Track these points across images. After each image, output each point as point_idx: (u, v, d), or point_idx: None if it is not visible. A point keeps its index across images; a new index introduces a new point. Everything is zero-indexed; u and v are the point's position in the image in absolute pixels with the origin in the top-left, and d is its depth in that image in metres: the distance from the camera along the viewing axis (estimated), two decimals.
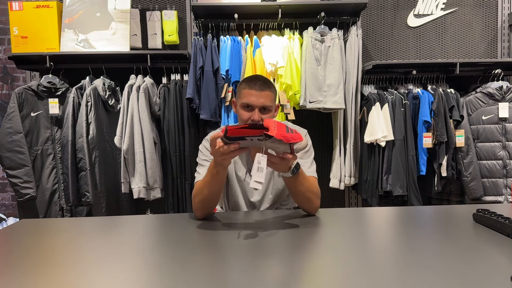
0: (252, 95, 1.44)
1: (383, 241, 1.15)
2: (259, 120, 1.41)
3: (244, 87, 1.48)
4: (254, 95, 1.43)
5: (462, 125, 2.66)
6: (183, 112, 2.71)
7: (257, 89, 1.44)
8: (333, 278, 0.86)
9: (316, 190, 1.43)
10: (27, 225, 1.41)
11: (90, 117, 2.56)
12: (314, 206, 1.42)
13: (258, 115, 1.43)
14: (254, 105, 1.44)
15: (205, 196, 1.36)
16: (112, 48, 2.67)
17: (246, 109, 1.46)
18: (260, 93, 1.43)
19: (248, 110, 1.46)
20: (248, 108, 1.46)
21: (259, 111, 1.44)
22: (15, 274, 0.91)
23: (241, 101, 1.47)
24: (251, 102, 1.44)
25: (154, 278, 0.86)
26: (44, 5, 2.64)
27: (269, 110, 1.46)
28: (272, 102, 1.47)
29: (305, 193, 1.38)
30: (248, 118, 1.44)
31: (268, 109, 1.46)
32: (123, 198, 2.75)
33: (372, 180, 2.69)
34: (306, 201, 1.41)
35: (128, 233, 1.29)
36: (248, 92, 1.45)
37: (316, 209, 1.44)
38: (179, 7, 2.97)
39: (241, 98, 1.47)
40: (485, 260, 0.93)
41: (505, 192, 2.67)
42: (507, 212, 1.46)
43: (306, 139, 1.55)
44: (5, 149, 2.51)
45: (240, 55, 2.67)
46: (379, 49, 3.07)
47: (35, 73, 2.97)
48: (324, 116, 2.98)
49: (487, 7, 3.06)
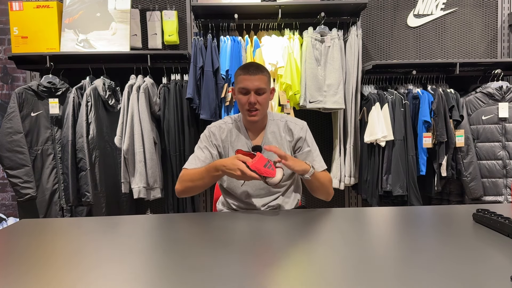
0: (247, 79, 1.56)
1: (383, 241, 1.15)
2: (255, 102, 1.55)
3: (239, 74, 1.60)
4: (249, 79, 1.56)
5: (462, 125, 2.66)
6: (183, 112, 2.71)
7: (251, 73, 1.56)
8: (333, 278, 0.86)
9: (329, 181, 1.63)
10: (27, 225, 1.41)
11: (90, 117, 2.56)
12: (330, 195, 1.64)
13: (254, 97, 1.55)
14: (249, 88, 1.56)
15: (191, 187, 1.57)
16: (112, 48, 2.67)
17: (243, 93, 1.58)
18: (254, 76, 1.56)
19: (244, 94, 1.58)
20: (244, 92, 1.58)
21: (255, 94, 1.56)
22: (15, 274, 0.91)
23: (238, 86, 1.60)
24: (246, 86, 1.56)
25: (154, 278, 0.87)
26: (44, 5, 2.64)
27: (263, 92, 1.58)
28: (266, 85, 1.59)
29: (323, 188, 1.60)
30: (246, 102, 1.57)
31: (262, 91, 1.57)
32: (123, 198, 2.75)
33: (372, 180, 2.69)
34: (325, 193, 1.63)
35: (128, 233, 1.29)
36: (243, 77, 1.57)
37: (331, 195, 1.65)
38: (179, 7, 2.97)
39: (238, 84, 1.60)
40: (485, 260, 0.93)
41: (505, 192, 2.67)
42: (507, 212, 1.46)
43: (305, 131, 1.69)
44: (5, 149, 2.51)
45: (240, 55, 2.68)
46: (379, 49, 3.07)
47: (35, 73, 2.97)
48: (324, 116, 2.98)
49: (487, 7, 3.06)
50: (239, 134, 1.67)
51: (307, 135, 1.69)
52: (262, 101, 1.57)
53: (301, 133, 1.68)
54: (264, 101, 1.58)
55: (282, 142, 1.67)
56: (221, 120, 1.73)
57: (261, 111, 1.59)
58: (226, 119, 1.73)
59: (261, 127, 1.68)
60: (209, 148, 1.64)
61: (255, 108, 1.56)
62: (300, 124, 1.70)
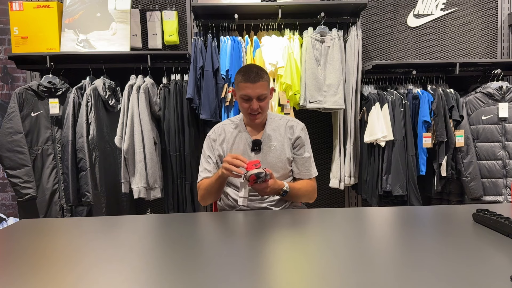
0: (248, 87, 1.59)
1: (383, 241, 1.15)
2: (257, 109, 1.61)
3: (240, 80, 1.62)
4: (250, 87, 1.58)
5: (462, 125, 2.66)
6: (183, 112, 2.71)
7: (252, 81, 1.58)
8: (333, 278, 0.86)
9: (311, 190, 1.72)
10: (27, 225, 1.41)
11: (90, 117, 2.56)
12: (311, 200, 1.74)
13: (256, 104, 1.60)
14: (251, 96, 1.59)
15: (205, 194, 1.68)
16: (112, 48, 2.67)
17: (245, 100, 1.62)
18: (255, 84, 1.58)
19: (246, 101, 1.61)
20: (246, 99, 1.61)
21: (257, 100, 1.60)
22: (15, 274, 0.91)
23: (239, 93, 1.63)
24: (248, 94, 1.59)
25: (154, 278, 0.87)
26: (44, 5, 2.64)
27: (265, 98, 1.63)
28: (267, 90, 1.63)
29: (302, 199, 1.74)
30: (248, 108, 1.61)
31: (264, 96, 1.62)
32: (123, 198, 2.75)
33: (372, 180, 2.69)
34: (305, 201, 1.76)
35: (128, 233, 1.29)
36: (244, 85, 1.60)
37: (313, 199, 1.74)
38: (179, 7, 2.97)
39: (239, 91, 1.63)
40: (485, 260, 0.93)
41: (505, 192, 2.67)
42: (507, 212, 1.46)
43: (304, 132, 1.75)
44: (5, 149, 2.51)
45: (240, 55, 2.68)
46: (379, 49, 3.08)
47: (35, 73, 2.97)
48: (324, 116, 2.98)
49: (487, 7, 3.06)
50: (239, 132, 1.72)
51: (307, 137, 1.76)
52: (264, 105, 1.63)
53: (301, 133, 1.73)
54: (265, 105, 1.64)
55: (283, 139, 1.69)
56: (218, 124, 1.80)
57: (263, 113, 1.66)
58: (225, 122, 1.79)
59: (261, 124, 1.72)
60: (213, 158, 1.72)
61: (258, 112, 1.62)
62: (301, 124, 1.77)
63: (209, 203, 1.76)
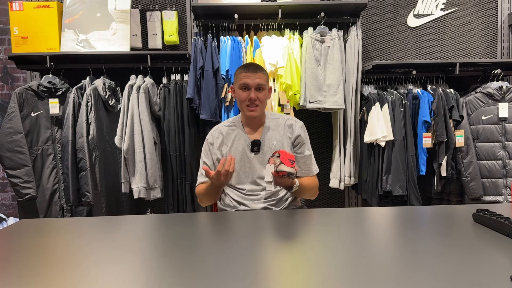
0: (248, 76, 1.65)
1: (382, 241, 1.15)
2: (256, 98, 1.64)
3: (240, 72, 1.69)
4: (249, 76, 1.65)
5: (462, 125, 2.66)
6: (183, 112, 2.71)
7: (251, 71, 1.65)
8: (333, 277, 0.86)
9: (315, 186, 1.77)
10: (27, 225, 1.41)
11: (90, 117, 2.56)
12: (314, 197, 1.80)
13: (254, 93, 1.64)
14: (250, 85, 1.64)
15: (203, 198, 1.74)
16: (112, 48, 2.67)
17: (244, 89, 1.66)
18: (255, 74, 1.65)
19: (245, 90, 1.66)
20: (245, 89, 1.66)
21: (255, 90, 1.65)
22: (15, 274, 0.91)
23: (239, 83, 1.67)
24: (247, 82, 1.65)
25: (154, 278, 0.87)
26: (44, 5, 2.64)
27: (263, 89, 1.67)
28: (265, 82, 1.68)
29: (306, 195, 1.76)
30: (246, 98, 1.64)
31: (262, 87, 1.66)
32: (123, 198, 2.75)
33: (372, 180, 2.69)
34: (308, 197, 1.80)
35: (128, 233, 1.29)
36: (244, 75, 1.66)
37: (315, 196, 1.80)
38: (179, 7, 2.97)
39: (239, 81, 1.68)
40: (485, 260, 0.93)
41: (505, 192, 2.67)
42: (507, 212, 1.46)
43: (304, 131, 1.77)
44: (5, 149, 2.51)
45: (240, 55, 2.68)
46: (379, 49, 3.08)
47: (36, 73, 2.97)
48: (324, 116, 2.99)
49: (487, 7, 3.06)
50: (238, 132, 1.73)
51: (306, 135, 1.78)
52: (262, 97, 1.67)
53: (301, 131, 1.75)
54: (263, 97, 1.67)
55: (282, 138, 1.70)
56: (216, 127, 1.81)
57: (261, 107, 1.67)
58: (222, 124, 1.81)
59: (259, 124, 1.74)
60: (208, 163, 1.76)
61: (255, 104, 1.64)
62: (300, 122, 1.79)
63: (208, 205, 1.79)
